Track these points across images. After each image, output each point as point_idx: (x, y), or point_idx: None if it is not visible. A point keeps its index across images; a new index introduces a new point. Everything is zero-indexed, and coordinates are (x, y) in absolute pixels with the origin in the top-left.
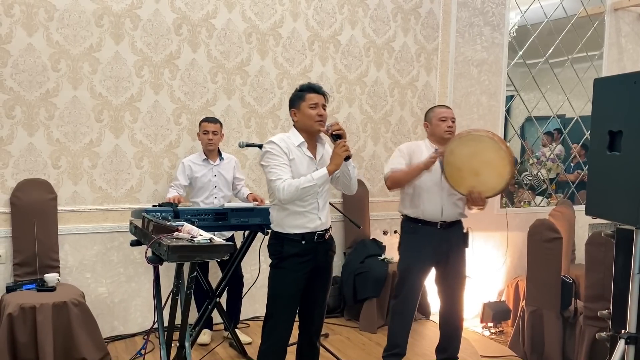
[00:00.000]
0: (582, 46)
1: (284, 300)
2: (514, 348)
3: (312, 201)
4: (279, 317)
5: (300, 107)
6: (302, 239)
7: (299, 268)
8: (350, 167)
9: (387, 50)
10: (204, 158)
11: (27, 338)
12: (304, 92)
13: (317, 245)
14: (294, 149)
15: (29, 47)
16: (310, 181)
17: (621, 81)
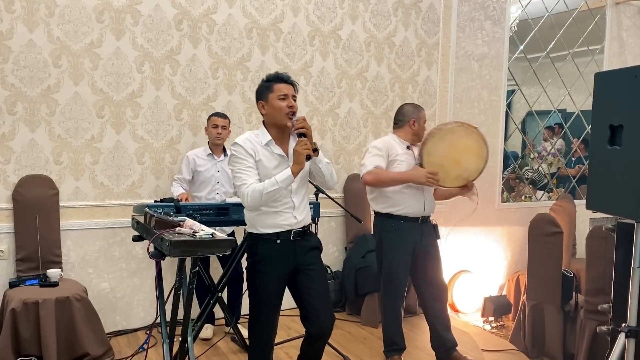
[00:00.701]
0: (583, 40)
1: (263, 304)
2: (514, 342)
3: (285, 201)
4: (260, 321)
5: (268, 99)
6: (277, 238)
7: (276, 270)
8: (322, 165)
9: (388, 45)
10: (208, 153)
11: (30, 333)
12: (271, 82)
13: (295, 244)
14: (261, 149)
15: (29, 43)
16: (274, 185)
17: (622, 75)
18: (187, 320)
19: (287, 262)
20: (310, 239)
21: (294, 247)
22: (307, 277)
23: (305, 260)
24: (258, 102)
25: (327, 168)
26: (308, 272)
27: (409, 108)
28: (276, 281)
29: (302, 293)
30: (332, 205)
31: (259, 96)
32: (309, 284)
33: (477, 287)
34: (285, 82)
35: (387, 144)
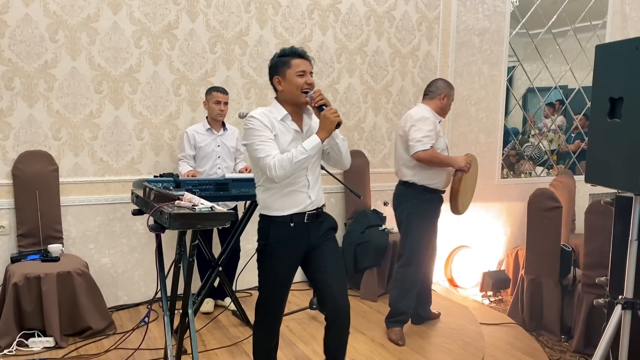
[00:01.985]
0: (585, 15)
1: (272, 288)
2: (512, 316)
3: (301, 179)
4: (269, 304)
5: (285, 75)
6: (290, 220)
7: (288, 254)
8: (339, 140)
9: (388, 19)
10: (207, 127)
11: (32, 307)
12: (288, 57)
13: (308, 227)
14: (277, 124)
15: (26, 17)
16: (303, 153)
17: (622, 47)
18: (187, 293)
19: (299, 245)
20: (324, 221)
21: (307, 230)
22: (321, 257)
23: (318, 242)
24: (274, 78)
25: (343, 144)
26: (321, 253)
27: (443, 83)
28: (287, 265)
29: (316, 272)
30: (332, 182)
31: (274, 71)
32: (323, 262)
33: (476, 262)
34: (303, 58)
35: (433, 120)
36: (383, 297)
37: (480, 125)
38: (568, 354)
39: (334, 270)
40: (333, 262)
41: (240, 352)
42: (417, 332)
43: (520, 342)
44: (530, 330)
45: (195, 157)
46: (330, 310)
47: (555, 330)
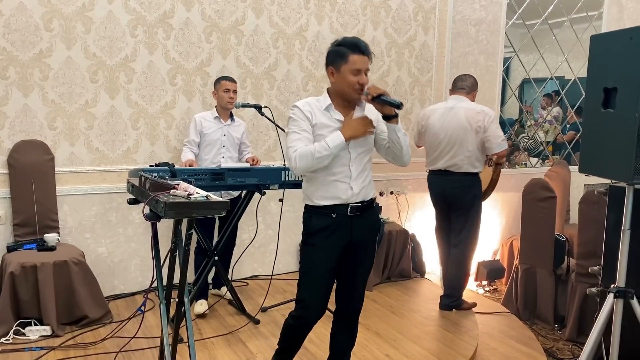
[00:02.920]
0: (582, 5)
1: (313, 279)
2: (507, 305)
3: (342, 168)
4: (309, 296)
5: (340, 69)
6: (332, 212)
7: (329, 244)
8: (401, 134)
9: (384, 8)
10: (215, 116)
11: (29, 296)
12: (346, 50)
13: (351, 220)
14: (319, 113)
15: (20, 5)
16: (325, 149)
17: (617, 37)
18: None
19: (340, 238)
20: (369, 216)
21: (350, 224)
22: (353, 258)
23: (359, 239)
24: (328, 67)
25: (404, 139)
26: (356, 252)
27: (475, 80)
28: (327, 257)
29: (346, 269)
30: None
31: (330, 60)
32: (353, 265)
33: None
34: (363, 54)
35: None
36: (378, 286)
37: None
38: (561, 343)
39: (364, 272)
40: (364, 265)
41: (236, 341)
42: (412, 321)
43: (514, 330)
44: (524, 319)
45: (200, 144)
46: (346, 307)
47: (548, 319)
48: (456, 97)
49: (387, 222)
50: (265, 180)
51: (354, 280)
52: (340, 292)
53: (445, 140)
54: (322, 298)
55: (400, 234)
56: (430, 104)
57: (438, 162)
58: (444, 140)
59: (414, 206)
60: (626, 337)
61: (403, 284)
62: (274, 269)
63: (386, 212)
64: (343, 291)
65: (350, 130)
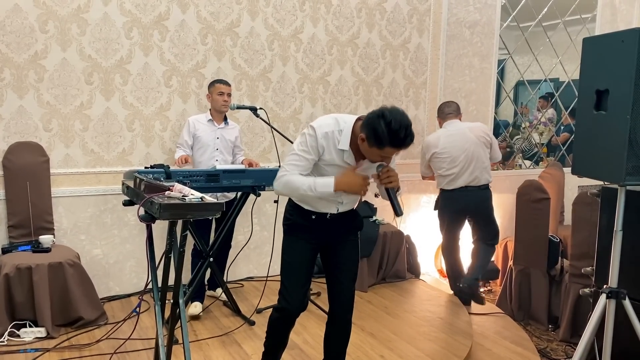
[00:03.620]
0: (575, 8)
1: (293, 268)
2: (501, 306)
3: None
4: (288, 284)
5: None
6: (312, 214)
7: (307, 237)
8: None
9: (379, 11)
10: (209, 119)
11: (24, 298)
12: (387, 142)
13: (329, 221)
14: (334, 151)
15: (15, 7)
16: (311, 190)
17: (609, 40)
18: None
19: (319, 235)
20: (349, 220)
21: (327, 225)
22: (338, 253)
23: (339, 236)
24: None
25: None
26: (340, 250)
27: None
28: (305, 248)
29: (331, 267)
30: None
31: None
32: (340, 259)
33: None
34: (399, 148)
35: None
36: (373, 287)
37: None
38: (555, 343)
39: (348, 269)
40: (349, 262)
41: (231, 342)
42: (406, 321)
43: (509, 331)
44: (519, 320)
45: (193, 146)
46: (338, 307)
47: (542, 319)
48: (451, 122)
49: (382, 224)
50: (260, 182)
51: (340, 276)
52: (330, 291)
53: (464, 159)
54: (302, 287)
55: (395, 235)
56: (425, 106)
57: (458, 180)
58: (463, 159)
59: (408, 207)
60: (619, 337)
61: (398, 285)
62: (269, 271)
63: (381, 214)
64: (332, 289)
65: (346, 185)
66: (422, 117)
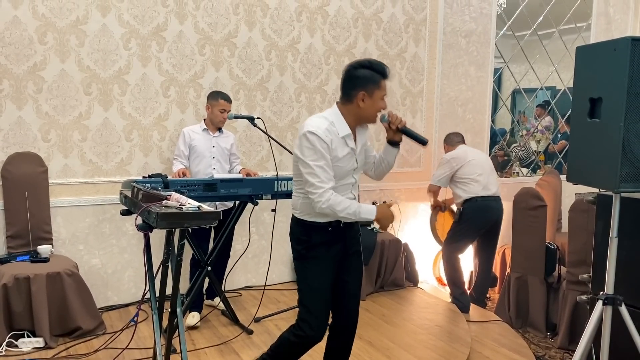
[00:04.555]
0: (570, 17)
1: (321, 293)
2: (499, 313)
3: (346, 193)
4: (315, 310)
5: (373, 94)
6: (328, 226)
7: (328, 256)
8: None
9: (376, 21)
10: (204, 128)
11: (22, 308)
12: (379, 76)
13: (344, 230)
14: (336, 140)
15: (14, 20)
16: (353, 215)
17: (602, 48)
18: (176, 291)
19: (338, 247)
20: (355, 226)
21: (344, 233)
22: (346, 268)
23: (351, 247)
24: (359, 92)
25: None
26: (348, 264)
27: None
28: (330, 267)
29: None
30: None
31: (361, 84)
32: (346, 276)
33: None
34: (387, 79)
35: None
36: (371, 295)
37: (467, 126)
38: (553, 350)
39: (354, 284)
40: (355, 277)
41: (229, 351)
42: (405, 330)
43: (507, 339)
44: (517, 327)
45: (189, 157)
46: (342, 321)
47: (540, 327)
48: (462, 147)
49: (379, 232)
50: (258, 191)
51: (352, 289)
52: (339, 305)
53: (488, 168)
54: (328, 312)
55: (393, 243)
56: (422, 115)
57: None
58: (488, 169)
59: (406, 216)
60: (616, 344)
61: (396, 293)
62: (267, 280)
63: None
64: (341, 303)
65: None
66: (419, 125)
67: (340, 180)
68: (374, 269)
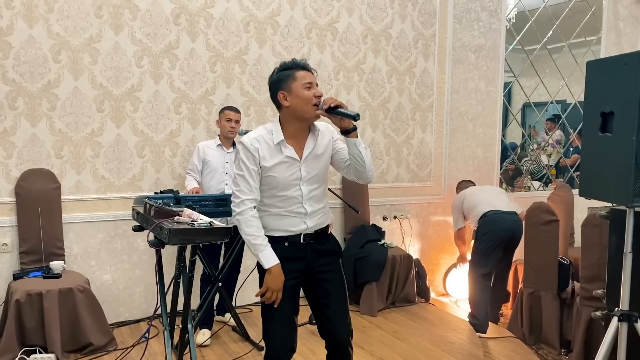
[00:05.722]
0: (580, 31)
1: (276, 314)
2: (512, 329)
3: (295, 207)
4: (271, 326)
5: (291, 89)
6: (285, 240)
7: (284, 272)
8: (362, 148)
9: (385, 37)
10: (218, 144)
11: (34, 323)
12: (290, 70)
13: (305, 247)
14: (269, 150)
15: (30, 38)
16: (251, 246)
17: (613, 63)
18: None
19: (296, 265)
20: (325, 242)
21: (304, 251)
22: (322, 290)
23: (319, 266)
24: (278, 94)
25: (366, 154)
26: (323, 285)
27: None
28: (288, 289)
29: (318, 305)
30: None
31: (276, 87)
32: (325, 298)
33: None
34: (306, 69)
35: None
36: (382, 312)
37: (477, 141)
38: None
39: (336, 303)
40: (336, 296)
41: None
42: (417, 346)
43: (520, 355)
44: (530, 344)
45: (202, 171)
46: (331, 342)
47: (554, 343)
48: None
49: (390, 247)
50: None
51: (327, 308)
52: (323, 330)
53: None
54: (286, 329)
55: (404, 259)
56: (432, 129)
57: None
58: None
59: (417, 231)
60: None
61: (407, 310)
62: None
63: (390, 237)
64: (321, 323)
65: (271, 278)
66: (429, 140)
67: (281, 191)
68: (385, 285)
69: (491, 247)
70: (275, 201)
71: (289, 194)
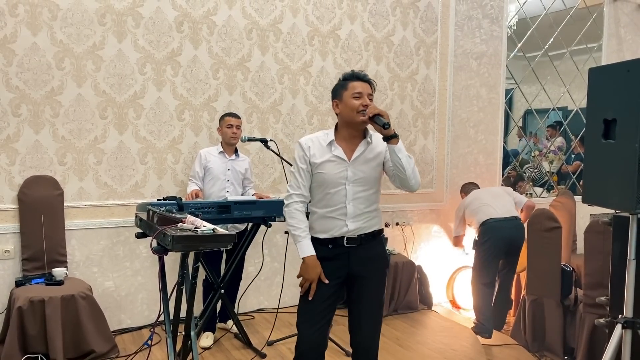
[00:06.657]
0: (582, 38)
1: (309, 307)
2: (515, 337)
3: (339, 206)
4: (304, 324)
5: (342, 98)
6: (329, 243)
7: (326, 273)
8: (402, 155)
9: (387, 44)
10: (220, 151)
11: (36, 330)
12: (346, 80)
13: (348, 250)
14: (320, 150)
15: (33, 46)
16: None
17: (615, 70)
18: (190, 315)
19: (339, 269)
20: (370, 248)
21: (347, 254)
22: (357, 293)
23: (360, 271)
24: (333, 101)
25: (408, 162)
26: (359, 287)
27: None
28: (325, 288)
29: (352, 304)
30: None
31: (333, 95)
32: (358, 301)
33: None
34: (361, 80)
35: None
36: (385, 318)
37: (479, 147)
38: None
39: (370, 308)
40: (371, 299)
41: None
42: (419, 353)
43: None
44: (533, 351)
45: (203, 178)
46: (356, 347)
47: (558, 350)
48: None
49: (393, 254)
50: (271, 213)
51: (360, 316)
52: (350, 331)
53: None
54: (318, 327)
55: (406, 265)
56: (434, 136)
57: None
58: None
59: (419, 237)
60: None
61: (410, 316)
62: (280, 302)
63: (392, 244)
64: (351, 330)
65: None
66: (430, 147)
67: (328, 189)
68: (387, 291)
69: (490, 257)
70: (323, 198)
71: (335, 191)
